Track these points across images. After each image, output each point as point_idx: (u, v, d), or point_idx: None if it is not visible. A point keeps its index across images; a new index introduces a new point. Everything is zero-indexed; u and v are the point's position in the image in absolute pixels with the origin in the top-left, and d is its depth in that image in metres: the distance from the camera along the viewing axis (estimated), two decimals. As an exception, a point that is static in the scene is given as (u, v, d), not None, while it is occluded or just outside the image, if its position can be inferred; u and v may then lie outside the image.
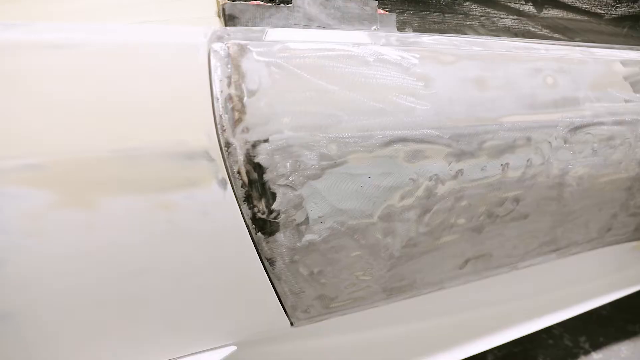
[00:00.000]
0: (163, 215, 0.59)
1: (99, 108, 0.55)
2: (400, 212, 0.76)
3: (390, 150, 0.69)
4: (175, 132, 0.58)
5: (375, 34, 0.72)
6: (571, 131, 0.87)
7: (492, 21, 0.85)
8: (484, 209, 0.85)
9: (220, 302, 0.71)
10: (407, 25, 0.79)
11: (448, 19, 0.82)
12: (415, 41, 0.73)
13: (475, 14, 0.84)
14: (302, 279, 0.75)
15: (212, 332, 0.73)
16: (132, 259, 0.60)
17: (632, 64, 0.93)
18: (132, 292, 0.62)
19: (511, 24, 0.87)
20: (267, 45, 0.63)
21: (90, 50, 0.56)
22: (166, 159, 0.58)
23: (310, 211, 0.68)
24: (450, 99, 0.73)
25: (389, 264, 0.82)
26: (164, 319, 0.67)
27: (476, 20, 0.84)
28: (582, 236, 1.08)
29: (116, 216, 0.57)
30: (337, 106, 0.65)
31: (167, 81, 0.58)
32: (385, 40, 0.71)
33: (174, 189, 0.59)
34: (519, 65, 0.80)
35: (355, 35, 0.70)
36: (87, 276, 0.58)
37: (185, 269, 0.65)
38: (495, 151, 0.79)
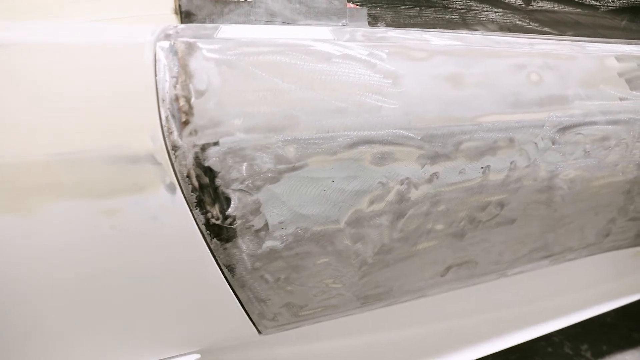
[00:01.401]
0: (106, 221, 0.57)
1: (37, 110, 0.53)
2: (370, 218, 0.72)
3: (355, 152, 0.66)
4: (118, 135, 0.55)
5: (340, 29, 0.68)
6: (560, 131, 0.81)
7: (474, 15, 0.80)
8: (464, 214, 0.80)
9: (179, 310, 0.68)
10: (379, 20, 0.74)
11: (425, 12, 0.77)
12: (384, 36, 0.69)
13: (456, 7, 0.79)
14: (266, 287, 0.72)
15: (172, 340, 0.71)
16: (75, 267, 0.58)
17: (628, 60, 0.87)
18: (78, 301, 0.60)
19: (496, 17, 0.82)
20: (218, 43, 0.59)
21: (29, 50, 0.54)
22: (108, 163, 0.55)
23: (269, 217, 0.65)
24: (421, 97, 0.68)
25: (362, 271, 0.78)
26: (115, 327, 0.64)
27: (456, 14, 0.79)
28: (577, 242, 1.02)
29: (56, 223, 0.55)
30: (294, 106, 0.61)
31: (110, 82, 0.55)
32: (349, 35, 0.67)
33: (118, 194, 0.57)
34: (500, 61, 0.75)
35: (317, 31, 0.67)
36: (28, 285, 0.56)
37: (137, 275, 0.62)
38: (474, 153, 0.74)
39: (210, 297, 0.69)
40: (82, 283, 0.59)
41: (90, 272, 0.59)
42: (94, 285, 0.60)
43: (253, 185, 0.62)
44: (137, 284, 0.63)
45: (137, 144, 0.56)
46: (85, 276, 0.59)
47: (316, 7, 0.71)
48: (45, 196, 0.54)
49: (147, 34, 0.58)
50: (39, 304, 0.58)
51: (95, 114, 0.54)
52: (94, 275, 0.59)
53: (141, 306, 0.64)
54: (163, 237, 0.61)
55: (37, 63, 0.54)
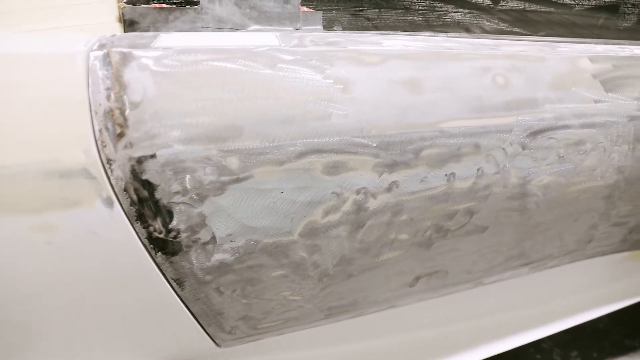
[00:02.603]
0: (42, 237, 0.55)
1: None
2: (326, 229, 0.69)
3: (304, 162, 0.63)
4: (49, 149, 0.54)
5: (287, 35, 0.66)
6: (530, 136, 0.78)
7: (438, 15, 0.77)
8: (430, 223, 0.77)
9: (127, 325, 0.67)
10: (335, 23, 0.72)
11: (385, 14, 0.74)
12: (335, 40, 0.67)
13: (418, 9, 0.76)
14: (220, 300, 0.70)
15: (123, 355, 0.69)
16: (10, 285, 0.56)
17: (602, 60, 0.83)
18: (15, 321, 0.59)
19: (462, 18, 0.79)
20: (155, 52, 0.58)
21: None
22: (40, 178, 0.54)
23: (216, 229, 0.63)
24: (375, 103, 0.66)
25: (322, 283, 0.75)
26: (56, 347, 0.63)
27: (419, 15, 0.76)
28: (557, 249, 0.98)
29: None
30: (236, 116, 0.59)
31: (40, 94, 0.54)
32: (297, 41, 0.65)
33: (52, 209, 0.55)
34: (462, 64, 0.72)
35: (262, 36, 0.64)
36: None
37: (78, 291, 0.61)
38: (436, 160, 0.72)
39: (161, 311, 0.68)
40: (19, 301, 0.58)
41: (27, 289, 0.57)
42: (32, 303, 0.58)
43: (196, 198, 0.60)
44: (79, 300, 0.61)
45: (69, 158, 0.54)
46: (22, 294, 0.57)
47: (268, 11, 0.68)
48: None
49: (80, 44, 0.56)
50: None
51: (24, 127, 0.53)
52: (31, 293, 0.58)
53: (85, 323, 0.63)
54: (104, 252, 0.59)
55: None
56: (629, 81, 0.85)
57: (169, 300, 0.67)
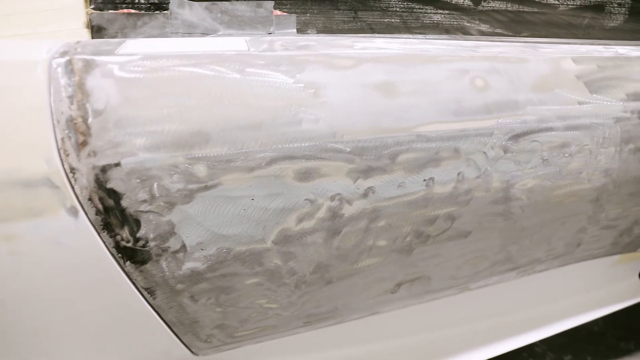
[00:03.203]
0: (4, 247, 0.55)
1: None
2: (300, 236, 0.68)
3: (275, 169, 0.62)
4: (11, 158, 0.53)
5: (257, 39, 0.65)
6: (512, 139, 0.76)
7: (417, 17, 0.76)
8: (409, 229, 0.76)
9: (98, 334, 0.66)
10: (310, 27, 0.71)
11: (361, 17, 0.73)
12: (307, 44, 0.66)
13: (396, 10, 0.75)
14: (194, 309, 0.69)
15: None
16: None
17: (586, 61, 0.81)
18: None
19: (441, 19, 0.77)
20: (119, 59, 0.57)
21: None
22: (2, 188, 0.53)
23: (186, 238, 0.62)
24: (347, 108, 0.64)
25: (299, 290, 0.74)
26: (24, 356, 0.62)
27: (397, 17, 0.75)
28: (545, 253, 0.96)
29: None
30: (202, 122, 0.58)
31: (0, 102, 0.53)
32: (267, 45, 0.64)
33: (14, 219, 0.54)
34: (439, 67, 0.71)
35: (231, 41, 0.63)
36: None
37: (45, 301, 0.60)
38: (413, 165, 0.70)
39: (132, 321, 0.67)
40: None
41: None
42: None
43: (163, 206, 0.59)
44: (46, 311, 0.60)
45: (31, 168, 0.53)
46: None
47: (240, 16, 0.67)
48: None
49: (43, 51, 0.55)
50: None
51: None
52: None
53: (53, 334, 0.62)
54: (70, 262, 0.59)
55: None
56: (615, 82, 0.83)
57: (141, 310, 0.66)
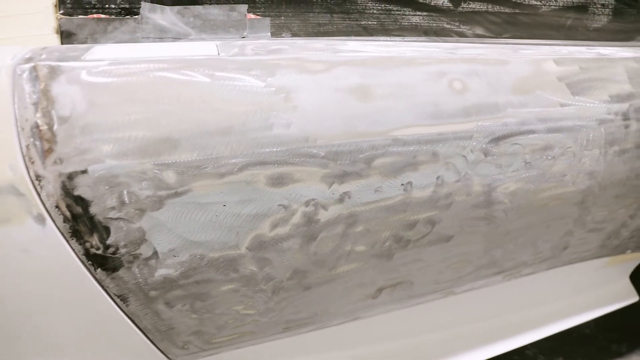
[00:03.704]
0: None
1: None
2: (275, 242, 0.67)
3: (246, 174, 0.61)
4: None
5: (227, 43, 0.64)
6: (492, 142, 0.75)
7: (395, 19, 0.75)
8: (388, 234, 0.75)
9: (71, 342, 0.66)
10: (284, 30, 0.70)
11: (337, 19, 0.72)
12: (279, 48, 0.65)
13: (373, 12, 0.74)
14: (169, 315, 0.68)
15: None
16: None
17: (568, 63, 0.80)
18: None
19: (420, 21, 0.76)
20: (85, 65, 0.56)
21: None
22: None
23: (157, 245, 0.61)
24: (320, 112, 0.63)
25: (277, 296, 0.73)
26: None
27: (374, 20, 0.74)
28: (531, 256, 0.95)
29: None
30: (170, 128, 0.57)
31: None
32: (238, 49, 0.63)
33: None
34: (416, 70, 0.70)
35: (201, 46, 0.63)
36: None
37: (15, 310, 0.59)
38: (390, 169, 0.69)
39: (106, 328, 0.66)
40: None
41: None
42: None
43: (133, 213, 0.58)
44: (16, 320, 0.60)
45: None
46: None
47: (213, 20, 0.67)
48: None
49: (7, 57, 0.55)
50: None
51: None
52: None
53: (24, 343, 0.62)
54: (39, 270, 0.58)
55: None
56: (597, 84, 0.82)
57: (114, 317, 0.65)
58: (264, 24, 0.69)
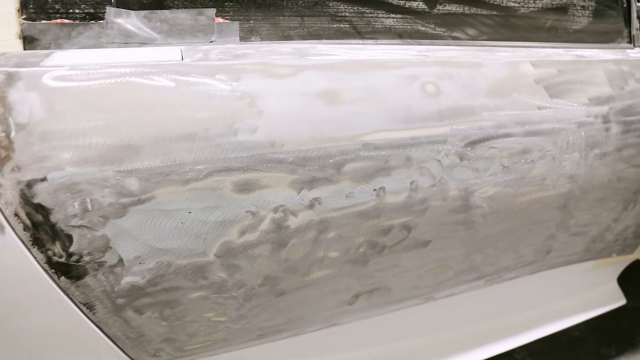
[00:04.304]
0: None
1: None
2: (244, 249, 0.66)
3: (211, 181, 0.61)
4: None
5: (192, 48, 0.63)
6: (468, 146, 0.74)
7: (368, 22, 0.74)
8: (362, 240, 0.74)
9: (37, 352, 0.65)
10: (254, 34, 0.69)
11: (308, 22, 0.71)
12: (245, 53, 0.64)
13: (345, 15, 0.73)
14: (138, 323, 0.68)
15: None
16: None
17: (546, 65, 0.79)
18: None
19: (394, 24, 0.75)
20: (44, 71, 0.55)
21: None
22: None
23: (122, 252, 0.61)
24: (286, 117, 0.63)
25: (249, 303, 0.73)
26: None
27: (346, 23, 0.73)
28: (512, 261, 0.94)
29: None
30: (132, 135, 0.57)
31: None
32: (202, 54, 0.62)
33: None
34: (387, 73, 0.69)
35: (164, 51, 0.62)
36: None
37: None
38: (361, 175, 0.68)
39: (73, 336, 0.65)
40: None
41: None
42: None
43: (95, 221, 0.58)
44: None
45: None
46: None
47: (180, 24, 0.66)
48: None
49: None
50: None
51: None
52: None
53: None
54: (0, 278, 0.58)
55: None
56: (576, 86, 0.81)
57: (81, 325, 0.65)
58: (232, 28, 0.68)
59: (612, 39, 0.92)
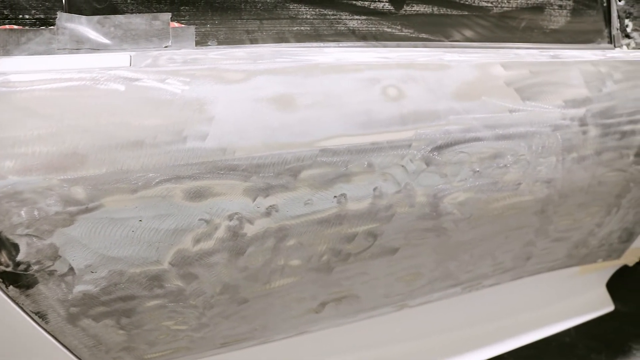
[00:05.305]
0: None
1: None
2: (200, 257, 0.65)
3: (160, 189, 0.59)
4: None
5: (142, 54, 0.62)
6: (434, 151, 0.72)
7: (330, 24, 0.72)
8: (325, 248, 0.72)
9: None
10: (210, 38, 0.68)
11: (267, 26, 0.69)
12: (196, 58, 0.63)
13: (306, 17, 0.71)
14: (93, 331, 0.67)
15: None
16: None
17: (518, 67, 0.76)
18: None
19: (357, 25, 0.73)
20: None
21: None
22: None
23: (72, 261, 0.60)
24: (238, 123, 0.61)
25: (210, 312, 0.72)
26: None
27: (307, 25, 0.71)
28: (490, 268, 0.91)
29: None
30: (77, 143, 0.56)
31: None
32: (151, 60, 0.61)
33: None
34: (345, 77, 0.67)
35: (112, 57, 0.61)
36: None
37: None
38: (319, 182, 0.67)
39: (26, 347, 0.65)
40: None
41: None
42: None
43: (42, 229, 0.57)
44: None
45: None
46: None
47: (134, 29, 0.65)
48: None
49: None
50: None
51: None
52: None
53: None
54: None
55: None
56: (550, 88, 0.78)
57: (34, 335, 0.64)
58: (188, 32, 0.67)
59: (592, 39, 0.89)
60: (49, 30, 0.62)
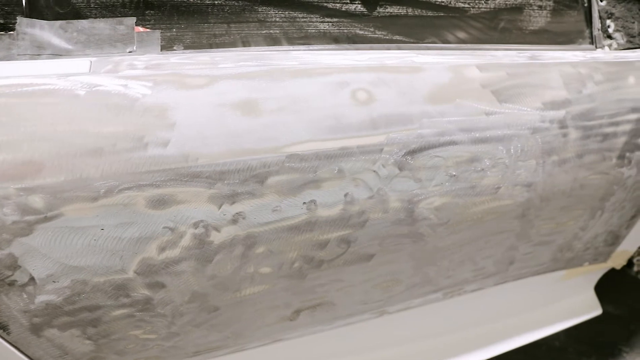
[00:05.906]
0: None
1: None
2: (166, 265, 0.64)
3: (121, 197, 0.58)
4: None
5: (103, 59, 0.61)
6: (407, 155, 0.70)
7: (300, 27, 0.70)
8: (296, 255, 0.71)
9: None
10: (176, 43, 0.66)
11: (235, 29, 0.68)
12: (158, 63, 0.62)
13: (275, 20, 0.70)
14: (59, 342, 0.66)
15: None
16: None
17: (494, 69, 0.75)
18: None
19: (329, 28, 0.72)
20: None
21: None
22: None
23: (33, 270, 0.59)
24: (200, 129, 0.60)
25: (179, 321, 0.70)
26: None
27: (276, 28, 0.70)
28: (472, 273, 0.89)
29: None
30: (32, 151, 0.55)
31: None
32: (112, 66, 0.60)
33: None
34: (312, 81, 0.66)
35: (72, 63, 0.60)
36: None
37: None
38: (287, 188, 0.65)
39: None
40: None
41: None
42: None
43: (0, 239, 0.56)
44: None
45: None
46: None
47: (97, 34, 0.64)
48: None
49: None
50: None
51: None
52: None
53: None
54: None
55: None
56: (528, 90, 0.76)
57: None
58: (153, 37, 0.65)
59: (573, 40, 0.87)
60: (8, 36, 0.61)
